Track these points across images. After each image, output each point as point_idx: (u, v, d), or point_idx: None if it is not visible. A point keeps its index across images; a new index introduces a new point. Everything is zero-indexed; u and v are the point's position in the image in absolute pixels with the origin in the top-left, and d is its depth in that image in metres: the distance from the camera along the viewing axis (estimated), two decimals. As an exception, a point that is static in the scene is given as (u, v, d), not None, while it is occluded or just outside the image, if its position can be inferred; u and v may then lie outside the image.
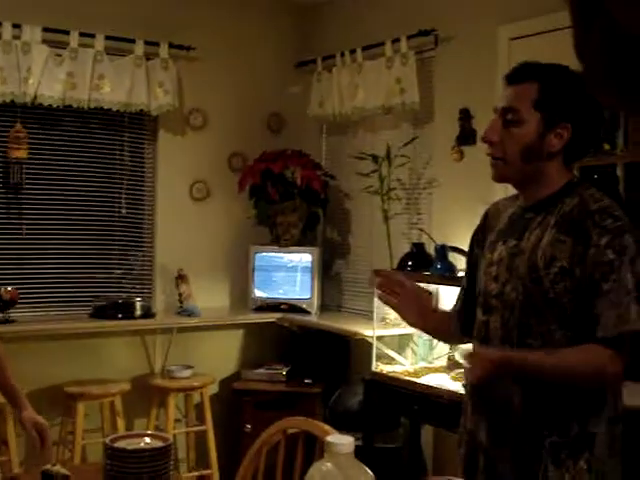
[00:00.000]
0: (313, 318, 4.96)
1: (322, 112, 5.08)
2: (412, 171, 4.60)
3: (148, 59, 4.80)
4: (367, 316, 4.55)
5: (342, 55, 4.91)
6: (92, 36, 4.61)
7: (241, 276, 5.17)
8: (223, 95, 5.17)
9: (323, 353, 4.89)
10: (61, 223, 4.76)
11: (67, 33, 4.54)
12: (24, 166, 4.58)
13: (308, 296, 5.05)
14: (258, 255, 5.12)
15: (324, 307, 5.12)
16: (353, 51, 4.82)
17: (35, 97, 4.47)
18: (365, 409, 4.12)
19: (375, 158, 4.55)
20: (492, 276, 2.07)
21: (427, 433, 4.28)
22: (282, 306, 5.06)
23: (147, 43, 4.78)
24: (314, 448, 2.39)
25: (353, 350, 4.78)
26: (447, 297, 4.05)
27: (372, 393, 4.05)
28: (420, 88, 4.42)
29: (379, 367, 4.11)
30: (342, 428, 2.61)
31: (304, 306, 5.03)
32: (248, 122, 5.28)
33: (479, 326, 2.11)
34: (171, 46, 4.85)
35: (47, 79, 4.49)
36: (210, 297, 5.10)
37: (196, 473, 4.73)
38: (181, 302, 4.89)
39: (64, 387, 4.37)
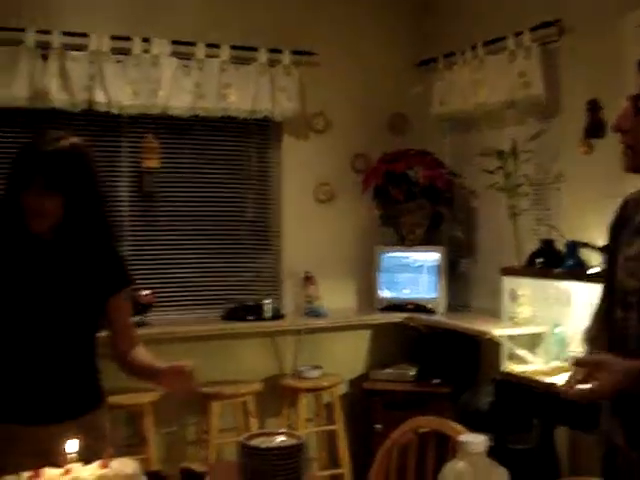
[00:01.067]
0: (440, 318, 4.92)
1: (444, 110, 5.04)
2: (539, 166, 4.50)
3: (271, 66, 4.90)
4: (495, 315, 4.48)
5: (463, 52, 4.85)
6: (217, 46, 4.75)
7: (366, 276, 5.20)
8: (344, 98, 5.22)
9: (451, 353, 4.85)
10: (192, 229, 4.93)
11: (194, 45, 4.70)
12: (156, 175, 4.76)
13: (434, 295, 5.02)
14: (383, 255, 5.14)
15: (450, 306, 5.08)
16: (474, 47, 4.76)
17: (165, 108, 4.65)
18: (496, 410, 4.06)
19: (500, 154, 4.48)
20: (630, 272, 1.98)
21: (562, 434, 4.18)
22: (408, 306, 5.05)
23: (270, 51, 4.88)
24: (445, 448, 2.38)
25: (482, 350, 4.72)
26: (579, 294, 3.95)
27: (503, 394, 3.99)
28: (545, 81, 4.32)
29: (510, 367, 4.05)
30: (473, 429, 2.59)
31: (430, 306, 5.01)
32: (370, 123, 5.30)
33: (616, 324, 2.01)
34: (293, 52, 4.94)
35: (176, 90, 4.65)
36: (337, 298, 5.15)
37: (328, 472, 4.78)
38: (309, 303, 4.96)
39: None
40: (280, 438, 2.15)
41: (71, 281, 2.30)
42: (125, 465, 1.99)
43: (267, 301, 4.87)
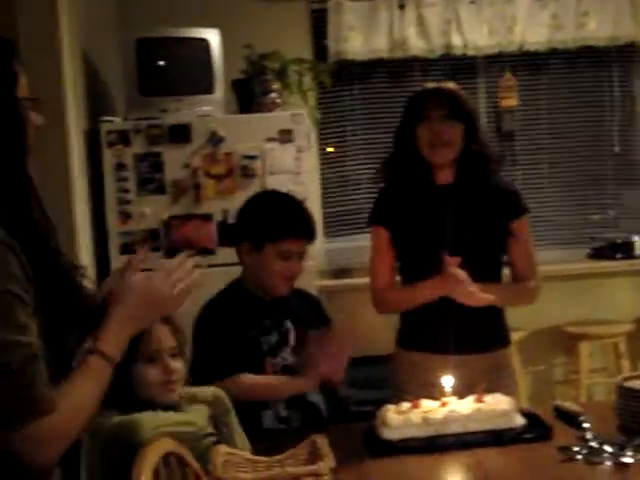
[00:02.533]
0: None
1: None
2: None
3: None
4: None
5: None
6: (573, -27, 4.54)
7: None
8: None
9: None
10: (553, 166, 4.81)
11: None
12: (515, 114, 4.71)
13: None
14: None
15: None
16: None
17: (521, 44, 4.56)
18: None
19: None
20: None
21: None
22: None
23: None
24: None
25: None
26: None
27: None
28: None
29: None
30: None
31: None
32: None
33: None
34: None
35: (532, 25, 4.54)
36: None
37: None
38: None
39: (564, 327, 4.44)
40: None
41: (474, 219, 2.39)
42: (499, 401, 2.03)
43: (637, 238, 4.61)
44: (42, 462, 1.30)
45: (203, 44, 3.73)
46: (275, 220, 2.34)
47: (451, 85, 2.45)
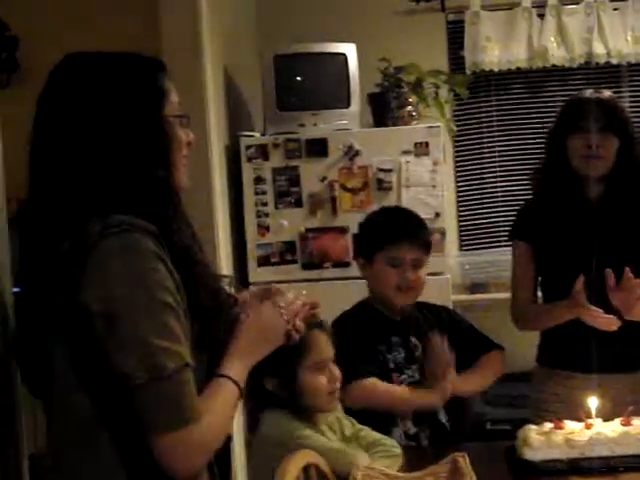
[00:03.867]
0: None
1: None
2: None
3: None
4: None
5: None
6: None
7: None
8: None
9: None
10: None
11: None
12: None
13: None
14: None
15: None
16: None
17: None
18: None
19: None
20: None
21: None
22: None
23: None
24: None
25: None
26: None
27: None
28: None
29: None
30: None
31: None
32: None
33: None
34: None
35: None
36: None
37: None
38: None
39: None
40: None
41: (624, 236, 2.31)
42: (649, 424, 1.94)
43: None
44: (183, 471, 1.32)
45: (340, 59, 3.78)
46: (380, 227, 2.35)
47: (609, 94, 2.35)
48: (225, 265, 3.40)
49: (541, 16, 4.42)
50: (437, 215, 3.65)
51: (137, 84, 1.40)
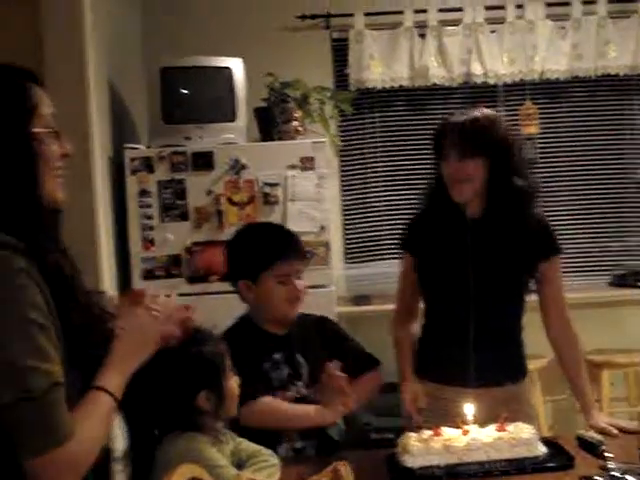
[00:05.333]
0: None
1: None
2: None
3: (654, 16, 4.59)
4: None
5: None
6: (594, 2, 4.56)
7: None
8: None
9: None
10: (574, 193, 4.80)
11: (569, 5, 4.56)
12: (536, 141, 4.72)
13: None
14: None
15: None
16: None
17: (542, 73, 4.59)
18: None
19: None
20: None
21: None
22: None
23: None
24: None
25: None
26: None
27: None
28: None
29: None
30: None
31: None
32: None
33: None
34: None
35: (552, 53, 4.57)
36: None
37: None
38: None
39: (586, 356, 4.39)
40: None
41: (500, 254, 2.33)
42: (521, 430, 2.02)
43: (658, 267, 4.59)
44: None
45: (226, 73, 3.79)
46: (262, 248, 2.32)
47: (475, 115, 2.30)
48: (108, 278, 3.35)
49: (422, 36, 4.55)
50: (322, 228, 3.71)
51: (1, 100, 1.39)
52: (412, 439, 2.00)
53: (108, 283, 3.31)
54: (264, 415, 2.16)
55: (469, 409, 2.06)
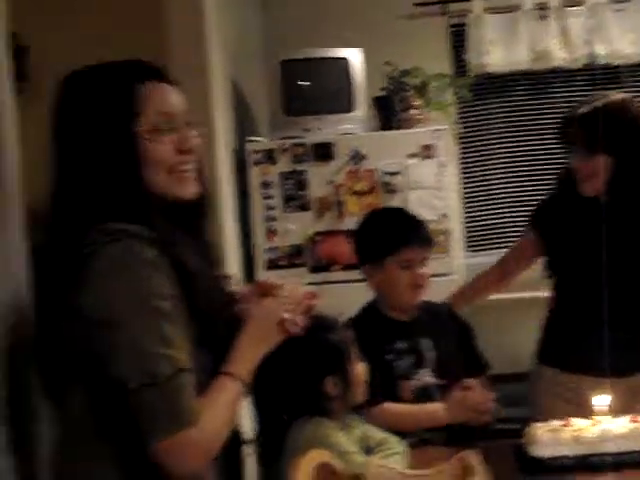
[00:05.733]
0: None
1: None
2: None
3: None
4: None
5: None
6: None
7: None
8: None
9: None
10: None
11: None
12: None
13: None
14: None
15: None
16: None
17: None
18: None
19: None
20: None
21: None
22: None
23: None
24: None
25: None
26: None
27: None
28: None
29: None
30: None
31: None
32: None
33: None
34: None
35: None
36: None
37: None
38: None
39: None
40: None
41: (625, 239, 2.33)
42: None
43: None
44: (185, 474, 1.36)
45: (344, 63, 3.81)
46: (389, 233, 2.33)
47: (602, 106, 2.26)
48: (234, 269, 3.43)
49: (544, 18, 4.44)
50: (444, 216, 3.68)
51: (107, 102, 1.42)
52: (540, 429, 1.98)
53: (233, 274, 3.40)
54: (387, 421, 2.15)
55: (602, 400, 2.02)
